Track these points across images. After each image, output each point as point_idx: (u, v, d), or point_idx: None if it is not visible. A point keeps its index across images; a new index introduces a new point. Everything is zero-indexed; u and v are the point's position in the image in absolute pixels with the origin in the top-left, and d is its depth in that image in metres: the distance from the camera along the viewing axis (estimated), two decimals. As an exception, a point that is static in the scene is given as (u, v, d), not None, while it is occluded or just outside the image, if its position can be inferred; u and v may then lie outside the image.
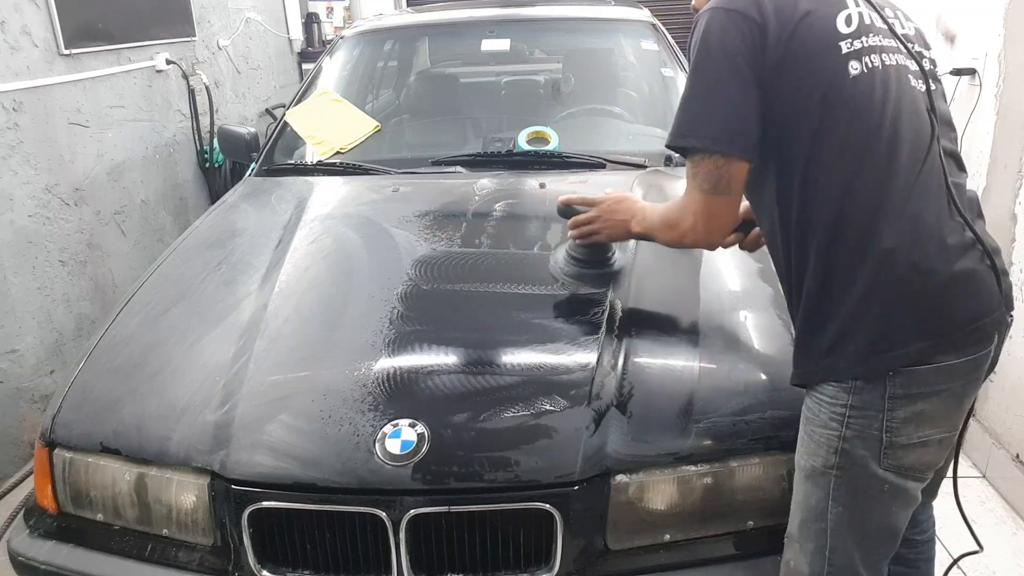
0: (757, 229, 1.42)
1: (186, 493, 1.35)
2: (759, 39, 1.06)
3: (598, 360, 1.41)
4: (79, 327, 2.95)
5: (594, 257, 1.64)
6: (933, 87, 1.14)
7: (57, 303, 2.84)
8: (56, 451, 1.43)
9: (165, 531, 1.38)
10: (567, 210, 1.59)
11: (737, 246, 1.48)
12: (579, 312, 1.55)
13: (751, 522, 1.34)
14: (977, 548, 1.33)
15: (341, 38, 3.03)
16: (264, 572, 1.30)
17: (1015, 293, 2.26)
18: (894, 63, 1.10)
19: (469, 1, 3.58)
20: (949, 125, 1.17)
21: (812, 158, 1.08)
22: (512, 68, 3.03)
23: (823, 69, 1.06)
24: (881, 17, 1.13)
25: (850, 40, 1.07)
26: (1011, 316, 1.15)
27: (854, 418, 1.09)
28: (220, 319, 1.62)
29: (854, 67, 1.06)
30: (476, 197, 2.06)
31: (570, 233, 1.59)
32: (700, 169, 1.15)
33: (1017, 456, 2.28)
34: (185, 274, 1.83)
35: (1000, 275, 1.10)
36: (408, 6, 6.28)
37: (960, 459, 2.54)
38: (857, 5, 1.10)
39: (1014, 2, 2.22)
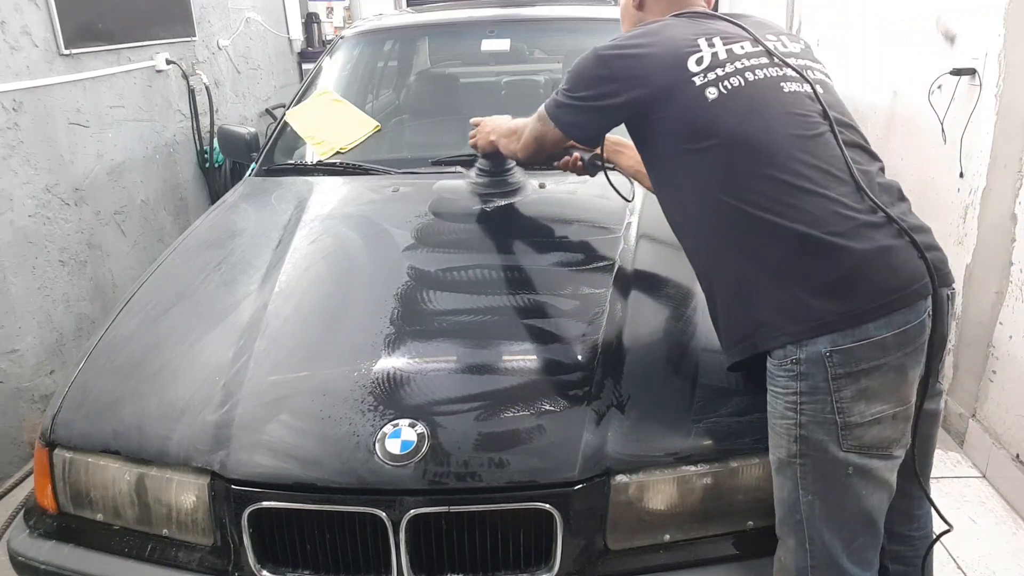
0: (575, 154, 1.81)
1: (186, 493, 1.35)
2: (626, 100, 1.29)
3: (598, 360, 1.41)
4: (79, 327, 2.95)
5: (493, 168, 2.06)
6: (820, 90, 1.27)
7: (57, 303, 2.84)
8: (56, 451, 1.43)
9: (165, 531, 1.38)
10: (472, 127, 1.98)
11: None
12: (579, 312, 1.55)
13: (751, 522, 1.34)
14: (948, 527, 1.35)
15: (341, 38, 3.03)
16: (264, 572, 1.30)
17: (1015, 292, 2.26)
18: (763, 76, 1.26)
19: (469, 1, 3.58)
20: (845, 122, 1.28)
21: (705, 167, 1.23)
22: (512, 68, 3.03)
23: (686, 102, 1.24)
24: (752, 43, 1.31)
25: (703, 74, 1.25)
26: (951, 290, 1.21)
27: (806, 404, 1.16)
28: (220, 319, 1.62)
29: (711, 92, 1.23)
30: (476, 197, 2.06)
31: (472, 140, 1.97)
32: (547, 128, 1.49)
33: (1017, 456, 2.28)
34: (185, 274, 1.83)
35: (924, 250, 1.16)
36: (408, 6, 6.28)
37: (960, 459, 2.55)
38: (712, 47, 1.28)
39: (1014, 2, 2.22)
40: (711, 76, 1.24)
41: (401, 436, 1.28)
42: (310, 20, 5.65)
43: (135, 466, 1.38)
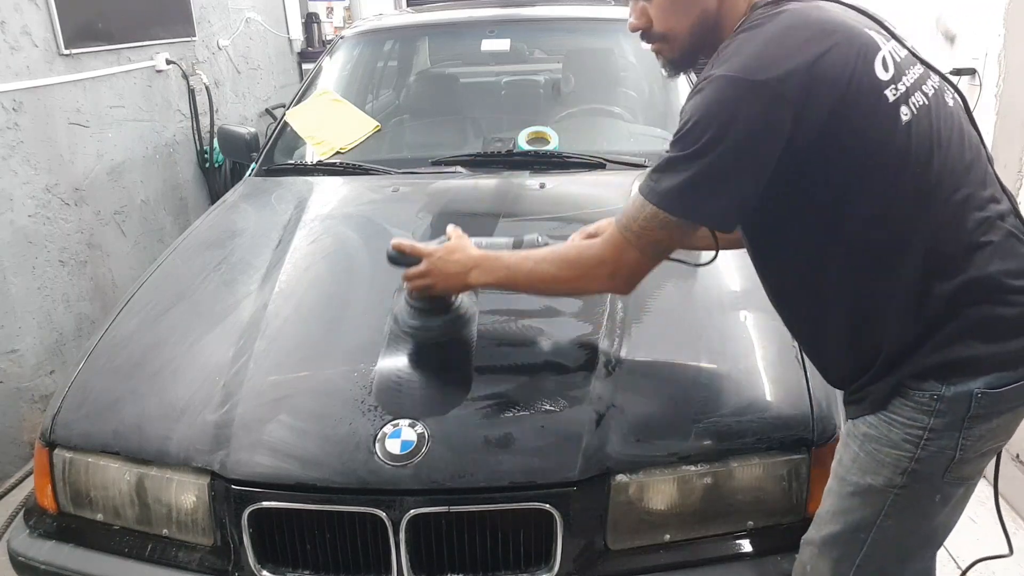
0: None
1: (186, 493, 1.35)
2: (789, 124, 0.96)
3: (598, 360, 1.41)
4: (79, 327, 2.95)
5: (433, 305, 1.45)
6: (959, 98, 1.09)
7: (57, 303, 2.84)
8: (56, 451, 1.43)
9: (165, 531, 1.38)
10: (399, 256, 1.40)
11: None
12: (579, 312, 1.55)
13: (751, 522, 1.34)
14: (1007, 552, 1.30)
15: (341, 38, 3.03)
16: (264, 572, 1.30)
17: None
18: (932, 90, 1.04)
19: (469, 1, 3.57)
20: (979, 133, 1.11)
21: (860, 214, 1.02)
22: (512, 68, 3.03)
23: (873, 128, 0.98)
24: (900, 43, 1.05)
25: (893, 85, 0.99)
26: None
27: (931, 440, 1.04)
28: (220, 319, 1.62)
29: (904, 114, 0.99)
30: (476, 197, 2.06)
31: (404, 286, 1.44)
32: (660, 233, 1.08)
33: (1017, 456, 2.28)
34: (185, 274, 1.83)
35: None
36: (408, 6, 6.28)
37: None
38: (887, 41, 1.01)
39: (1014, 2, 2.22)
40: (901, 88, 0.98)
41: (401, 436, 1.28)
42: (310, 20, 5.65)
43: (135, 466, 1.38)
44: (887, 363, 1.05)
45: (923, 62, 1.06)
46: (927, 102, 1.01)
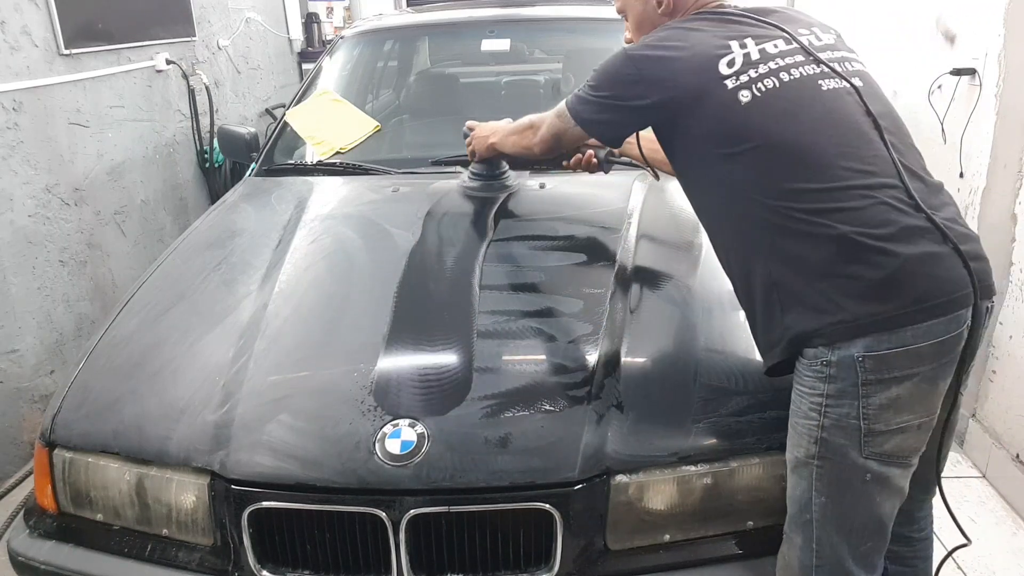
0: (588, 152, 1.83)
1: (186, 493, 1.35)
2: (654, 103, 1.27)
3: (598, 360, 1.41)
4: (79, 327, 2.95)
5: (487, 171, 2.08)
6: (860, 84, 1.24)
7: (57, 303, 2.84)
8: (56, 451, 1.43)
9: (165, 531, 1.38)
10: (467, 132, 1.98)
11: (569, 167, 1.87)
12: (579, 312, 1.55)
13: (751, 522, 1.34)
14: (965, 542, 1.34)
15: (341, 38, 3.03)
16: (264, 572, 1.30)
17: (1015, 293, 2.26)
18: (799, 75, 1.22)
19: (469, 1, 3.58)
20: (889, 116, 1.24)
21: (741, 171, 1.21)
22: (512, 68, 3.03)
23: (717, 107, 1.21)
24: (786, 40, 1.26)
25: (735, 76, 1.21)
26: (990, 303, 1.18)
27: (831, 407, 1.14)
28: (220, 319, 1.62)
29: (744, 95, 1.20)
30: (475, 197, 2.06)
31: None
32: (567, 125, 1.45)
33: (1017, 456, 2.28)
34: (185, 274, 1.83)
35: (968, 259, 1.13)
36: (408, 6, 6.28)
37: (960, 459, 2.55)
38: (744, 47, 1.24)
39: (1014, 2, 2.22)
40: (744, 78, 1.20)
41: (401, 436, 1.28)
42: (310, 20, 5.65)
43: (135, 466, 1.38)
44: (781, 328, 1.18)
45: (815, 58, 1.25)
46: (777, 86, 1.20)
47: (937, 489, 1.33)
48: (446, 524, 1.27)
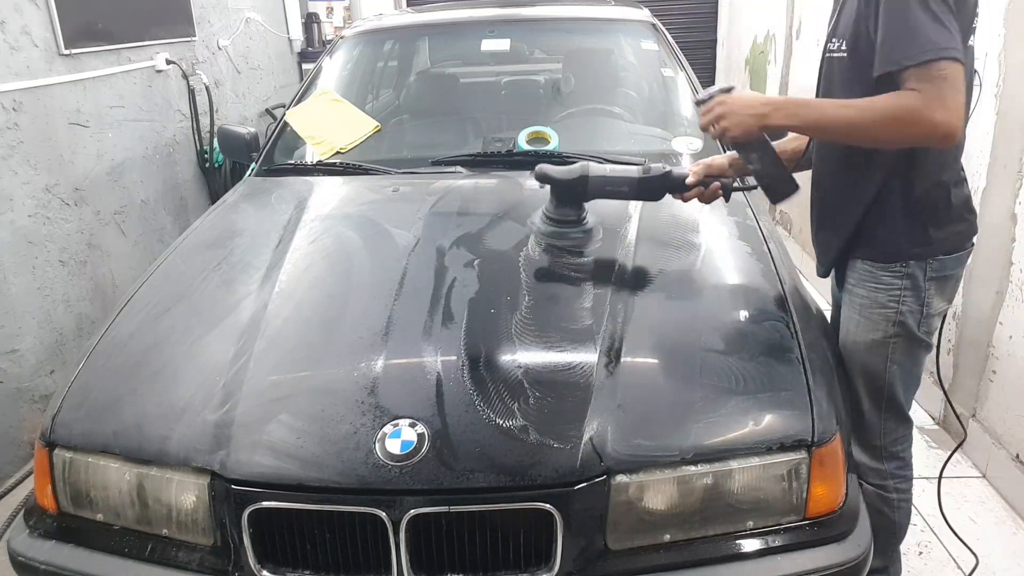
0: (715, 184, 1.66)
1: (186, 493, 1.35)
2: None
3: (598, 360, 1.41)
4: (79, 327, 2.95)
5: (566, 216, 1.80)
6: None
7: (57, 303, 2.84)
8: (56, 451, 1.43)
9: (165, 531, 1.38)
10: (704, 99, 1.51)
11: (696, 200, 1.72)
12: (579, 312, 1.55)
13: (751, 522, 1.34)
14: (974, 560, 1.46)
15: (341, 38, 3.03)
16: (264, 572, 1.30)
17: (1015, 293, 2.26)
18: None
19: (469, 1, 3.58)
20: None
21: None
22: (512, 68, 3.03)
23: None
24: None
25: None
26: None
27: (907, 297, 1.52)
28: (220, 319, 1.62)
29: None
30: (476, 198, 2.06)
31: (700, 122, 1.52)
32: (951, 72, 1.28)
33: (1017, 456, 2.28)
34: (185, 274, 1.83)
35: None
36: (408, 6, 6.28)
37: (960, 459, 2.55)
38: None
39: (1014, 2, 2.22)
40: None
41: (401, 436, 1.28)
42: (310, 20, 5.65)
43: (135, 466, 1.38)
44: (873, 241, 1.53)
45: None
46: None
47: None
48: (446, 524, 1.26)
